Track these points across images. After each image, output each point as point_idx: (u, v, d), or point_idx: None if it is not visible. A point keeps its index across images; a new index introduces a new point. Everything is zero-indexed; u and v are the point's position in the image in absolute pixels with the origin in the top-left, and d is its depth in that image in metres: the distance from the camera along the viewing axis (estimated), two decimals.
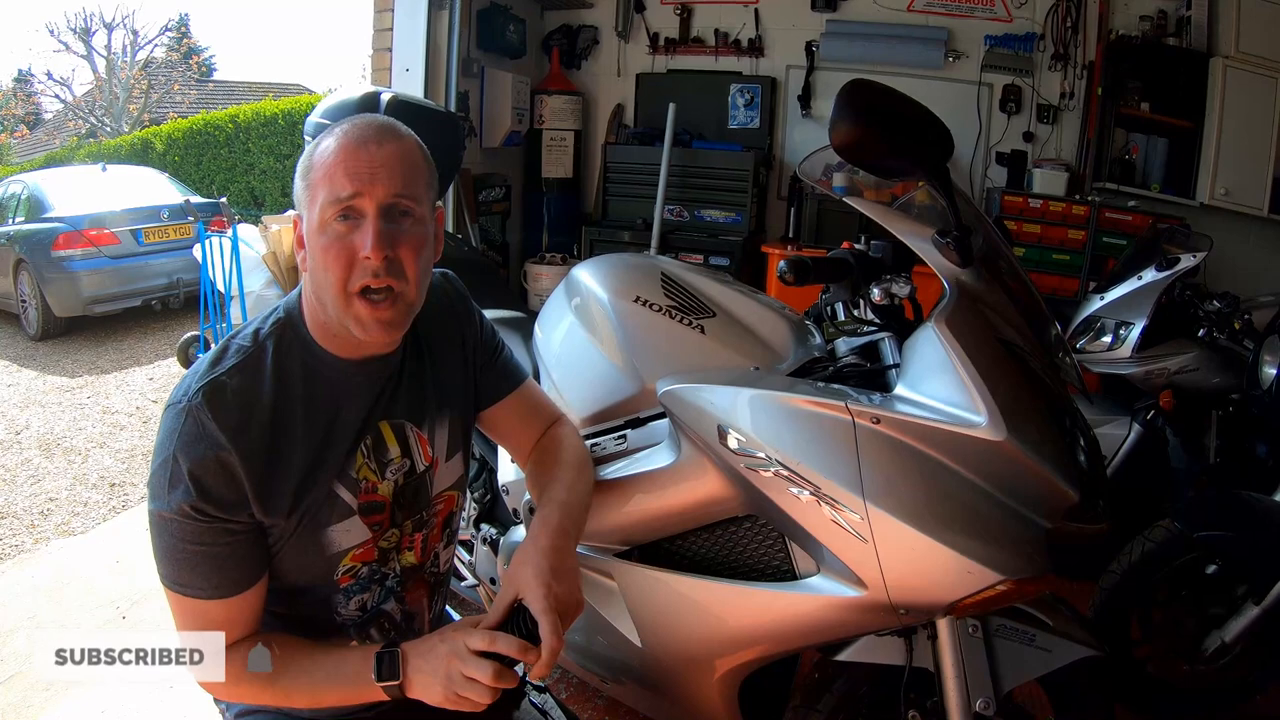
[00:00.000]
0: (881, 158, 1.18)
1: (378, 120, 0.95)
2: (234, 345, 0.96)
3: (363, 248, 0.90)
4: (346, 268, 0.91)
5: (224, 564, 0.92)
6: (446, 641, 0.91)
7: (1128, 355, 2.45)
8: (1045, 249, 3.79)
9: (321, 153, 0.93)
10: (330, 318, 0.95)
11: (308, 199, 0.93)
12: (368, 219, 0.91)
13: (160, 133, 10.66)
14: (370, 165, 0.91)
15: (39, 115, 19.84)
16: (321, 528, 0.98)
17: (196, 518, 0.89)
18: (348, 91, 2.43)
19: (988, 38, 4.20)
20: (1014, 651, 1.21)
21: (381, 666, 0.92)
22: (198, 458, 0.88)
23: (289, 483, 0.93)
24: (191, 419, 0.88)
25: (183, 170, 9.55)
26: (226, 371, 0.92)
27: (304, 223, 0.95)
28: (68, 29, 17.58)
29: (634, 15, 4.78)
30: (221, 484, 0.89)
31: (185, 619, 0.95)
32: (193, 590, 0.92)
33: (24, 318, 6.33)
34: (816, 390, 1.20)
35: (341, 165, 0.90)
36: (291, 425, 0.94)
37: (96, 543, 2.99)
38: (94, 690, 2.09)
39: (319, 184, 0.92)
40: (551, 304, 1.72)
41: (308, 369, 0.97)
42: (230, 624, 0.95)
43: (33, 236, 6.10)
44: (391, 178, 0.92)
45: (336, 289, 0.92)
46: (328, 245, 0.91)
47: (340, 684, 0.94)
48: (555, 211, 4.85)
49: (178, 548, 0.90)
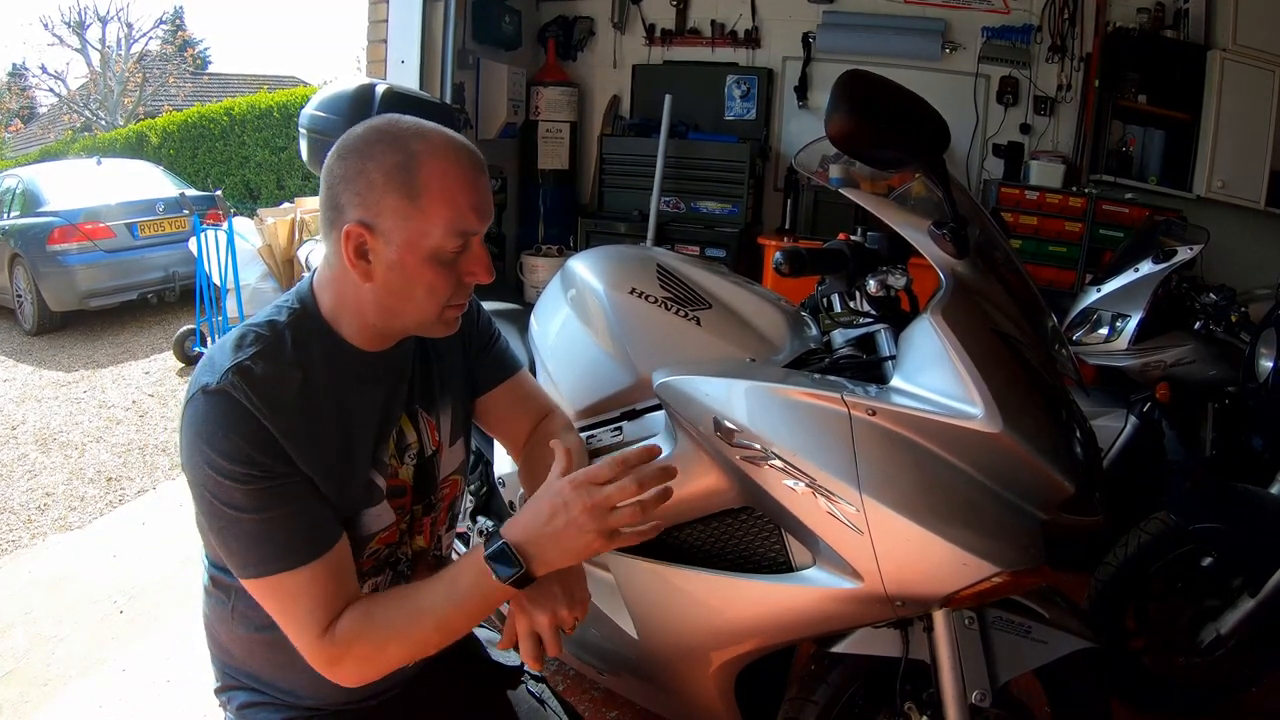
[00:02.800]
0: (877, 149, 1.17)
1: (465, 141, 0.95)
2: (252, 333, 0.94)
3: (470, 273, 0.95)
4: (453, 290, 0.95)
5: (310, 521, 0.90)
6: (562, 497, 0.89)
7: (1124, 347, 2.45)
8: (1042, 241, 3.78)
9: (437, 174, 0.89)
10: (398, 325, 0.98)
11: (413, 221, 0.89)
12: (477, 246, 0.95)
13: (155, 126, 10.61)
14: (487, 201, 0.94)
15: (33, 109, 19.73)
16: (359, 511, 0.99)
17: (264, 479, 0.87)
18: (343, 84, 2.40)
19: (985, 29, 4.19)
20: (1010, 643, 1.22)
21: (498, 565, 0.89)
22: (244, 426, 0.87)
23: (326, 463, 0.93)
24: (226, 397, 0.87)
25: (178, 163, 9.52)
26: (250, 358, 0.91)
27: (389, 239, 0.90)
28: (62, 22, 17.39)
29: (630, 6, 4.76)
30: (274, 451, 0.88)
31: (293, 600, 0.90)
32: (289, 560, 0.89)
33: (19, 312, 6.31)
34: (812, 382, 1.20)
35: (468, 200, 0.91)
36: (320, 411, 0.94)
37: (93, 538, 2.98)
38: (91, 685, 2.10)
39: (438, 211, 0.89)
40: (547, 296, 1.72)
41: (329, 359, 0.97)
42: (338, 583, 0.92)
43: (28, 231, 6.07)
44: (492, 209, 0.96)
45: (436, 307, 0.95)
46: (438, 272, 0.93)
47: (466, 600, 0.91)
48: (551, 203, 4.84)
49: (257, 524, 0.88)
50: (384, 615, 0.92)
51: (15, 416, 4.36)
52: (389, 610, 0.92)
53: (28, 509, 3.23)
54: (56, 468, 3.66)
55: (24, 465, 3.68)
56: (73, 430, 4.14)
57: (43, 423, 4.26)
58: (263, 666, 1.07)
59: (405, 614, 0.92)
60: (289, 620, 0.91)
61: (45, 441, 3.98)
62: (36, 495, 3.35)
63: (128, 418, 4.33)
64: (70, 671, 2.15)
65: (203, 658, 1.14)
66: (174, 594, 2.52)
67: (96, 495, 3.37)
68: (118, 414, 4.39)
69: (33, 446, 3.91)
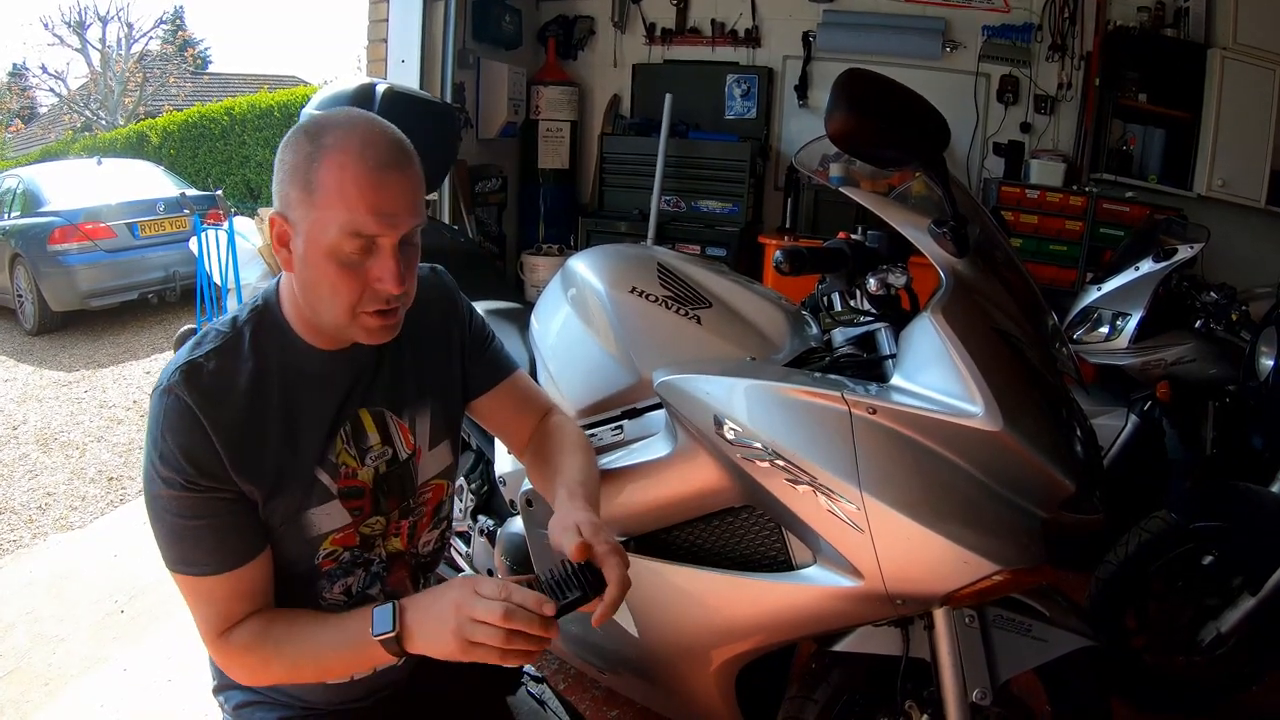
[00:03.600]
0: (878, 147, 1.18)
1: (388, 136, 0.90)
2: (213, 331, 0.97)
3: (380, 279, 0.89)
4: (358, 294, 0.90)
5: (224, 536, 0.93)
6: (453, 589, 0.88)
7: (1124, 346, 2.45)
8: (1042, 240, 3.78)
9: (334, 169, 0.86)
10: (324, 323, 0.95)
11: (311, 215, 0.87)
12: (385, 252, 0.89)
13: (156, 126, 10.62)
14: (394, 202, 0.87)
15: (34, 109, 19.73)
16: (303, 510, 0.98)
17: (190, 489, 0.89)
18: (343, 83, 2.41)
19: (985, 28, 4.19)
20: (1010, 642, 1.21)
21: (379, 618, 0.89)
22: (183, 430, 0.89)
23: (266, 462, 0.94)
24: (173, 397, 0.89)
25: (178, 163, 9.52)
26: (205, 355, 0.93)
27: (297, 229, 0.89)
28: (62, 22, 17.41)
29: (630, 5, 4.76)
30: (207, 455, 0.89)
31: (196, 599, 0.96)
32: (198, 567, 0.93)
33: (20, 312, 6.31)
34: (813, 380, 1.20)
35: (364, 199, 0.85)
36: (267, 407, 0.94)
37: (95, 537, 2.99)
38: (93, 685, 2.10)
39: (331, 206, 0.86)
40: (548, 295, 1.72)
41: (285, 356, 0.97)
42: (239, 597, 0.95)
43: (28, 231, 6.07)
44: (411, 211, 0.89)
45: (344, 309, 0.91)
46: (340, 271, 0.89)
47: (343, 647, 0.92)
48: (551, 202, 4.84)
49: (177, 526, 0.91)
50: (276, 635, 0.95)
51: (16, 416, 4.36)
52: (283, 632, 0.95)
53: (29, 508, 3.23)
54: (58, 467, 3.66)
55: (25, 465, 3.68)
56: (74, 430, 4.15)
57: (44, 422, 4.26)
58: None
59: (294, 641, 0.94)
60: (193, 614, 0.96)
61: (46, 441, 3.99)
62: (38, 495, 3.36)
63: (129, 417, 4.33)
64: (71, 671, 2.16)
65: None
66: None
67: (98, 495, 3.37)
68: (119, 413, 4.40)
69: (34, 446, 3.92)
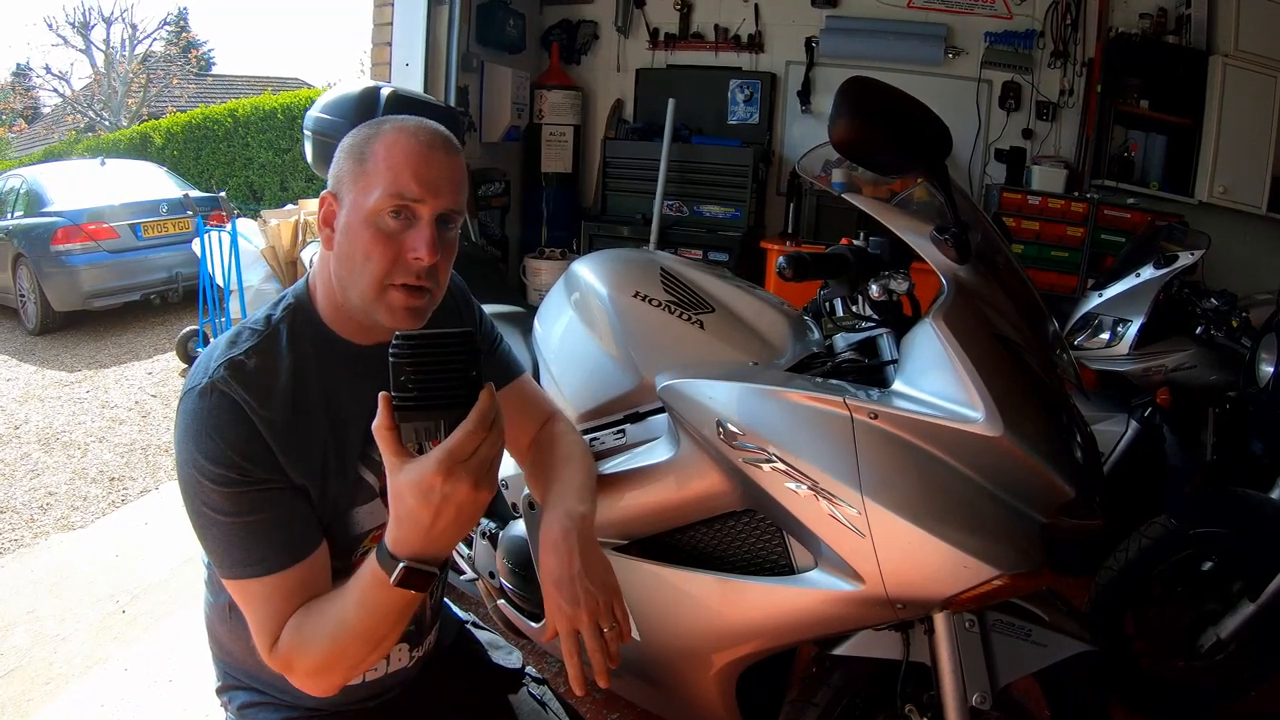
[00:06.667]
0: (880, 154, 1.18)
1: (440, 129, 0.96)
2: (247, 329, 0.96)
3: (414, 249, 0.92)
4: (391, 262, 0.93)
5: (287, 526, 0.90)
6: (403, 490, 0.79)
7: (1125, 352, 2.45)
8: (1044, 246, 3.79)
9: (387, 143, 0.93)
10: (353, 303, 0.95)
11: (359, 183, 0.93)
12: (423, 222, 0.93)
13: (159, 127, 10.62)
14: (438, 173, 0.93)
15: (37, 109, 19.79)
16: (350, 508, 0.99)
17: (245, 483, 0.87)
18: (347, 86, 2.42)
19: (987, 34, 4.20)
20: (1010, 646, 1.22)
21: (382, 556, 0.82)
22: (232, 426, 0.88)
23: (314, 459, 0.93)
24: (219, 394, 0.89)
25: (181, 164, 9.52)
26: (244, 352, 0.92)
27: (344, 202, 0.94)
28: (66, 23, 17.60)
29: (634, 10, 4.77)
30: (259, 449, 0.89)
31: (262, 603, 0.90)
32: (261, 565, 0.88)
33: (23, 312, 6.32)
34: (814, 385, 1.21)
35: (410, 166, 0.91)
36: (309, 405, 0.94)
37: (96, 537, 2.99)
38: (94, 684, 2.10)
39: (379, 174, 0.92)
40: (551, 299, 1.72)
41: (321, 353, 0.97)
42: (296, 593, 0.90)
43: (31, 231, 6.08)
44: (452, 190, 0.95)
45: (374, 279, 0.93)
46: (376, 236, 0.92)
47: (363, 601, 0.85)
48: (554, 206, 4.85)
49: (234, 527, 0.88)
50: (311, 628, 0.89)
51: (18, 416, 4.36)
52: (315, 622, 0.89)
53: (30, 508, 3.23)
54: (59, 467, 3.66)
55: (27, 465, 3.69)
56: (75, 430, 4.15)
57: (45, 422, 4.26)
58: (263, 666, 1.06)
59: (324, 615, 0.89)
60: (256, 630, 0.91)
61: (48, 441, 3.99)
62: (39, 495, 3.36)
63: (130, 418, 4.34)
64: (72, 670, 2.16)
65: (205, 657, 1.15)
66: (176, 593, 2.52)
67: (99, 495, 3.37)
68: (120, 414, 4.40)
69: (35, 446, 3.92)
